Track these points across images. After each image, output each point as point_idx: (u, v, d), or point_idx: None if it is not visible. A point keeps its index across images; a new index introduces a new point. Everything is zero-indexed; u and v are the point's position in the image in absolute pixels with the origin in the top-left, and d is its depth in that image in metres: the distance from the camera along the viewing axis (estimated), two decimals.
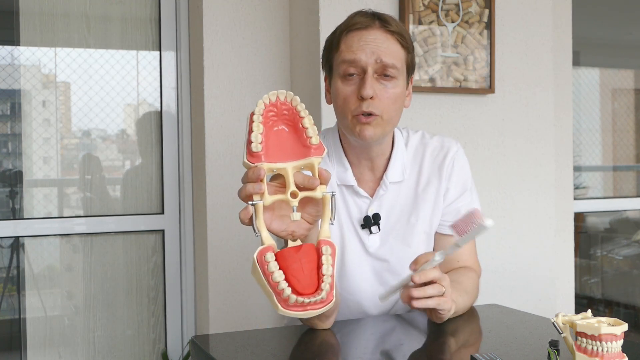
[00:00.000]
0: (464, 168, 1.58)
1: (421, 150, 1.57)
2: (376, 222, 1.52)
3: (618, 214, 3.83)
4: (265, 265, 1.09)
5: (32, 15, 2.49)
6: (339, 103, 1.46)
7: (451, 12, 2.36)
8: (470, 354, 1.11)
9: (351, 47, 1.43)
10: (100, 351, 2.58)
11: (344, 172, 1.53)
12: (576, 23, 2.84)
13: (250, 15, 2.47)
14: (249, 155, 1.11)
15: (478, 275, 1.60)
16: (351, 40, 1.44)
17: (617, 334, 1.04)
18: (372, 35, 1.43)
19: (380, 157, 1.53)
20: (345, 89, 1.44)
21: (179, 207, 2.61)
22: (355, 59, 1.42)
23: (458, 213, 1.53)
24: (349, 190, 1.53)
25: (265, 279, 1.09)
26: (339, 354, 1.25)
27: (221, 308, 2.44)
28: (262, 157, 1.11)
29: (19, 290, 2.55)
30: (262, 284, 1.10)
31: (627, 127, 3.71)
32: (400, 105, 1.47)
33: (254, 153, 1.11)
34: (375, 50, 1.42)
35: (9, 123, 2.60)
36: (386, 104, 1.43)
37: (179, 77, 2.58)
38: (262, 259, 1.09)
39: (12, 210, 2.54)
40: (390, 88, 1.43)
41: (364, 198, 1.53)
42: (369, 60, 1.41)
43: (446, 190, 1.55)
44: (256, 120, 1.12)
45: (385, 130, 1.45)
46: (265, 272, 1.09)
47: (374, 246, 1.53)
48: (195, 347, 1.30)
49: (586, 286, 3.79)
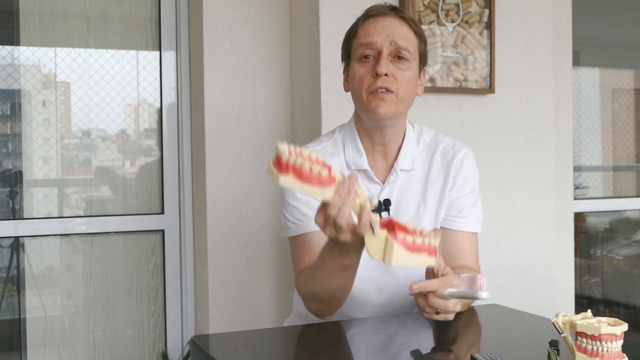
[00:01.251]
0: (472, 169, 1.64)
1: (433, 147, 1.64)
2: (387, 207, 1.57)
3: (618, 214, 3.83)
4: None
5: (32, 15, 2.49)
6: (355, 84, 1.54)
7: (451, 12, 2.36)
8: (470, 354, 1.11)
9: (368, 32, 1.53)
10: (100, 351, 2.58)
11: (359, 157, 1.59)
12: (576, 23, 2.84)
13: (250, 15, 2.47)
14: (319, 184, 1.14)
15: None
16: (368, 26, 1.54)
17: (617, 334, 1.04)
18: (388, 21, 1.54)
19: (392, 142, 1.59)
20: (362, 69, 1.53)
21: (179, 207, 2.61)
22: (371, 41, 1.52)
23: (461, 210, 1.60)
24: (362, 175, 1.59)
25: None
26: (339, 354, 1.25)
27: (221, 308, 2.44)
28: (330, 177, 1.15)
29: (19, 290, 2.55)
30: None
31: (627, 127, 3.71)
32: (413, 87, 1.56)
33: (327, 178, 1.14)
34: (389, 33, 1.52)
35: (9, 123, 2.60)
36: (401, 83, 1.51)
37: (179, 77, 2.58)
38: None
39: (12, 210, 2.54)
40: (405, 69, 1.52)
41: (375, 184, 1.59)
42: (384, 42, 1.51)
43: (452, 185, 1.61)
44: (305, 152, 1.14)
45: (399, 109, 1.53)
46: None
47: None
48: (195, 347, 1.30)
49: (586, 286, 3.79)
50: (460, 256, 1.60)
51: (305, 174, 1.11)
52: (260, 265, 2.47)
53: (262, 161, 2.48)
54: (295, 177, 1.11)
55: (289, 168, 1.10)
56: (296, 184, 1.11)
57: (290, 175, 1.10)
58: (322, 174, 1.13)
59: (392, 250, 1.16)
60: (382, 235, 1.18)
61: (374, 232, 1.18)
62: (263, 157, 2.49)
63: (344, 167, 1.60)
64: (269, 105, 2.50)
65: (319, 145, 1.63)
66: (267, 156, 2.48)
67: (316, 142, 1.65)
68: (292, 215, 1.57)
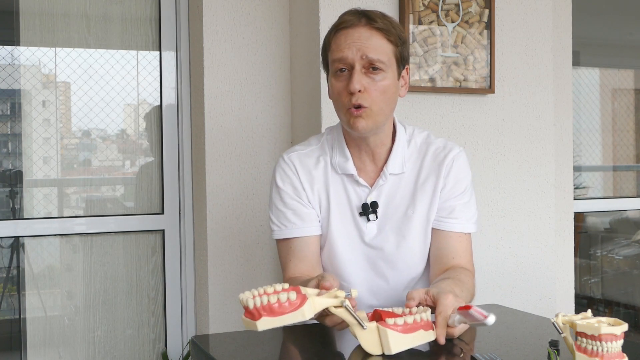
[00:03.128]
0: (463, 169, 1.62)
1: (424, 149, 1.63)
2: (374, 210, 1.58)
3: (618, 214, 3.83)
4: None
5: (32, 15, 2.49)
6: (334, 98, 1.55)
7: (451, 12, 2.35)
8: (470, 354, 1.11)
9: (339, 46, 1.52)
10: (100, 351, 2.58)
11: (345, 162, 1.59)
12: (576, 23, 2.84)
13: (250, 15, 2.47)
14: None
15: (473, 275, 1.62)
16: (339, 39, 1.53)
17: (617, 334, 1.04)
18: (357, 33, 1.51)
19: (379, 147, 1.59)
20: (338, 84, 1.53)
21: (179, 207, 2.61)
22: (343, 56, 1.50)
23: (453, 211, 1.59)
24: (349, 179, 1.59)
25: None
26: (339, 354, 1.25)
27: (221, 308, 2.44)
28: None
29: (19, 290, 2.55)
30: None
31: (627, 127, 3.71)
32: (390, 96, 1.54)
33: (298, 299, 1.16)
34: (360, 47, 1.49)
35: (9, 123, 2.60)
36: (375, 96, 1.50)
37: (179, 77, 2.58)
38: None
39: (12, 210, 2.54)
40: (379, 81, 1.50)
41: (363, 187, 1.59)
42: (355, 56, 1.49)
43: (443, 186, 1.59)
44: (267, 288, 1.17)
45: (377, 121, 1.52)
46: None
47: (370, 234, 1.59)
48: (195, 347, 1.30)
49: (586, 286, 3.79)
50: (454, 256, 1.60)
51: (276, 308, 1.13)
52: (260, 265, 2.47)
53: (262, 161, 2.48)
54: (269, 316, 1.13)
55: (259, 312, 1.13)
56: (274, 320, 1.14)
57: (264, 316, 1.13)
58: (291, 298, 1.15)
59: (387, 339, 1.16)
60: (372, 327, 1.18)
61: (363, 327, 1.17)
62: (263, 157, 2.49)
63: (328, 170, 1.60)
64: (269, 105, 2.50)
65: (307, 148, 1.64)
66: (267, 156, 2.48)
67: (304, 145, 1.66)
68: (277, 218, 1.60)
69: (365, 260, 1.60)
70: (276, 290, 1.17)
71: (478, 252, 2.44)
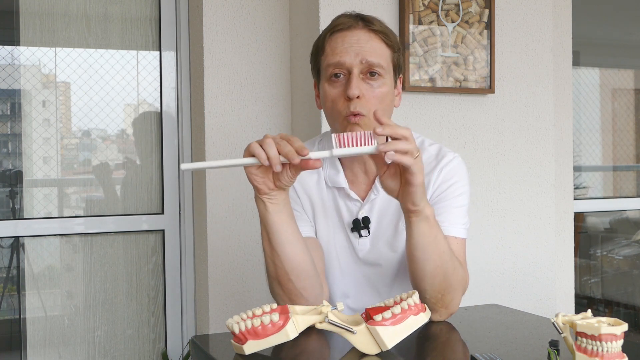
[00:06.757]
0: (456, 173, 1.51)
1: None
2: (366, 226, 1.50)
3: (618, 214, 3.83)
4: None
5: (32, 15, 2.49)
6: (328, 105, 1.45)
7: (451, 12, 2.36)
8: (470, 354, 1.11)
9: (335, 49, 1.43)
10: (100, 351, 2.58)
11: (335, 174, 1.52)
12: (576, 23, 2.84)
13: (250, 15, 2.47)
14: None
15: (464, 268, 1.49)
16: (335, 43, 1.44)
17: (617, 334, 1.04)
18: (356, 36, 1.43)
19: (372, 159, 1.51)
20: (333, 90, 1.43)
21: (179, 207, 2.61)
22: (340, 61, 1.42)
23: (441, 213, 1.46)
24: (340, 193, 1.52)
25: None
26: (339, 354, 1.25)
27: (221, 308, 2.44)
28: None
29: (19, 290, 2.55)
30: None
31: (627, 127, 3.71)
32: (388, 104, 1.46)
33: (280, 320, 1.18)
34: (359, 51, 1.41)
35: (9, 123, 2.60)
36: (373, 104, 1.41)
37: (179, 77, 2.58)
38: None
39: (12, 210, 2.54)
40: (377, 87, 1.43)
41: (355, 201, 1.51)
42: (353, 61, 1.41)
43: (433, 191, 1.50)
44: (252, 311, 1.21)
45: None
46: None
47: (363, 250, 1.52)
48: (195, 347, 1.30)
49: (586, 286, 3.79)
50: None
51: (260, 331, 1.16)
52: (260, 265, 2.47)
53: None
54: (254, 339, 1.16)
55: (245, 336, 1.16)
56: (259, 343, 1.16)
57: (249, 340, 1.16)
58: (273, 319, 1.17)
59: (380, 336, 1.16)
60: (362, 329, 1.18)
61: (353, 332, 1.17)
62: None
63: (322, 183, 1.52)
64: (269, 105, 2.50)
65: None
66: None
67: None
68: None
69: (364, 278, 1.54)
70: (264, 311, 1.19)
71: (478, 252, 2.45)
